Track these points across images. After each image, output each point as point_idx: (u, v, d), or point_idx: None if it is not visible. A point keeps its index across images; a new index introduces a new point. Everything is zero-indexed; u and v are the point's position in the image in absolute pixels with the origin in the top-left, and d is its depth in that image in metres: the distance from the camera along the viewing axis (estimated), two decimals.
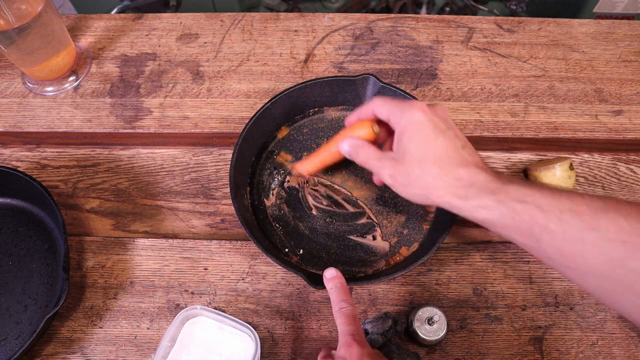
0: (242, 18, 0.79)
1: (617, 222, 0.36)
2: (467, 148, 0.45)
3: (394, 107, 0.48)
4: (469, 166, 0.44)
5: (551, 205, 0.39)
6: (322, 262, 0.58)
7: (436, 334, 0.52)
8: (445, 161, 0.44)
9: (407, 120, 0.46)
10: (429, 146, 0.45)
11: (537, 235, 0.39)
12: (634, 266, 0.35)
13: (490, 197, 0.42)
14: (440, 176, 0.44)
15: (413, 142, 0.45)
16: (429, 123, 0.45)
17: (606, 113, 0.69)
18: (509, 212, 0.41)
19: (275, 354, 0.55)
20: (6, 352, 0.54)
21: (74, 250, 0.61)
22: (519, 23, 0.77)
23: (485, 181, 0.43)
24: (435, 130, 0.45)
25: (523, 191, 0.40)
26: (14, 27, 0.62)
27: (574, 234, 0.37)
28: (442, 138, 0.44)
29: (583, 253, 0.37)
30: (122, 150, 0.68)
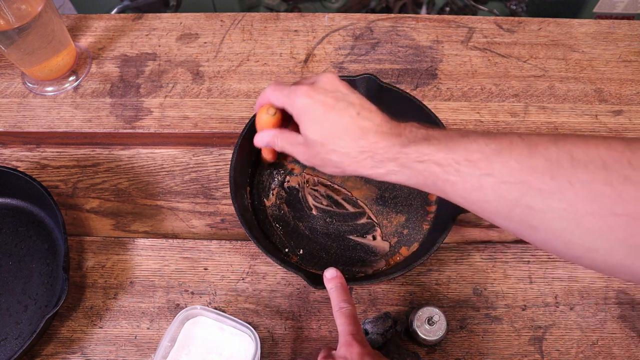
0: (242, 18, 0.79)
1: (509, 164, 0.37)
2: (363, 112, 0.45)
3: (282, 95, 0.49)
4: (368, 135, 0.44)
5: (447, 159, 0.40)
6: (322, 262, 0.58)
7: (436, 334, 0.52)
8: (343, 137, 0.45)
9: (296, 108, 0.47)
10: (323, 127, 0.45)
11: (443, 188, 0.41)
12: (527, 203, 0.36)
13: (393, 163, 0.43)
14: (345, 153, 0.45)
15: (309, 129, 0.46)
16: (316, 104, 0.45)
17: (606, 113, 0.69)
18: (413, 173, 0.42)
19: (275, 354, 0.55)
20: (6, 352, 0.54)
21: (74, 250, 0.61)
22: (519, 23, 0.77)
23: (386, 148, 0.43)
24: (324, 110, 0.45)
25: (421, 150, 0.41)
26: (14, 27, 0.62)
27: (472, 182, 0.39)
28: (333, 114, 0.45)
29: (484, 197, 0.39)
30: (122, 150, 0.68)
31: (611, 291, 0.57)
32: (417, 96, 0.65)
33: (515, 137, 0.38)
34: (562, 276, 0.58)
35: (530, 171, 0.36)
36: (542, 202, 0.36)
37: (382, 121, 0.45)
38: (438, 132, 0.43)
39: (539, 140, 0.37)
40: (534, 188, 0.36)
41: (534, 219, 0.37)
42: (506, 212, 0.38)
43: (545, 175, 0.35)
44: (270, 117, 0.52)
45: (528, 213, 0.37)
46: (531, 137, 0.38)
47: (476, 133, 0.41)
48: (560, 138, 0.36)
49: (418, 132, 0.44)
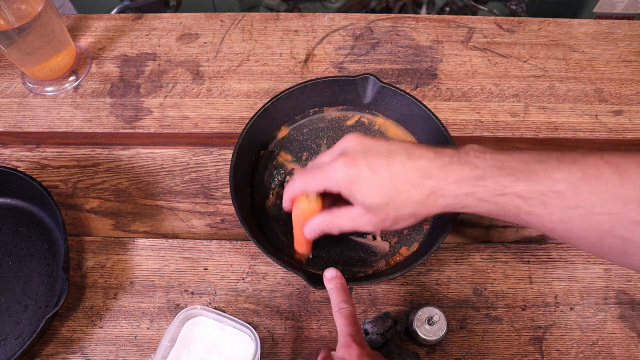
0: (242, 18, 0.79)
1: (599, 194, 0.36)
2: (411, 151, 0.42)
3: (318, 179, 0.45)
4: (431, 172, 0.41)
5: (531, 192, 0.38)
6: (322, 262, 0.58)
7: (436, 334, 0.52)
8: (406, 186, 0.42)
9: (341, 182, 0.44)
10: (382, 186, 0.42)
11: (526, 219, 0.40)
12: (621, 234, 0.35)
13: (470, 198, 0.41)
14: (414, 201, 0.42)
15: (366, 194, 0.43)
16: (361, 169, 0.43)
17: (606, 113, 0.69)
18: (493, 206, 0.40)
19: (275, 354, 0.55)
20: (6, 352, 0.54)
21: (74, 250, 0.61)
22: (519, 23, 0.77)
23: (457, 182, 0.41)
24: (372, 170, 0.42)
25: (500, 182, 0.39)
26: (14, 27, 0.62)
27: (559, 214, 0.37)
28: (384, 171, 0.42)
29: (572, 228, 0.37)
30: (122, 150, 0.68)
31: (611, 291, 0.57)
32: (417, 96, 0.65)
33: (599, 160, 0.37)
34: (562, 276, 0.58)
35: (624, 202, 0.35)
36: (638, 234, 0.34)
37: (436, 154, 0.42)
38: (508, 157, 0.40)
39: (627, 165, 0.35)
40: (629, 220, 0.35)
41: (628, 248, 0.35)
42: (595, 241, 0.37)
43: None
44: (314, 204, 0.48)
45: (622, 244, 0.35)
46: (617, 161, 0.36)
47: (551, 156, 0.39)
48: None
49: (485, 157, 0.41)
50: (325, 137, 0.66)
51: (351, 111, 0.67)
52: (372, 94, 0.64)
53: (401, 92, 0.62)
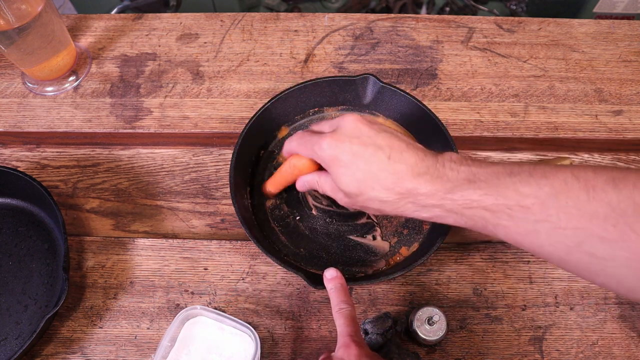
0: (242, 18, 0.79)
1: (567, 209, 0.36)
2: (394, 154, 0.43)
3: (307, 148, 0.47)
4: (404, 180, 0.42)
5: (498, 205, 0.38)
6: (322, 262, 0.58)
7: (436, 334, 0.52)
8: (377, 185, 0.43)
9: (323, 160, 0.45)
10: (354, 177, 0.43)
11: (493, 230, 0.40)
12: (587, 250, 0.35)
13: (438, 209, 0.42)
14: (382, 201, 0.43)
15: (339, 179, 0.45)
16: (342, 154, 0.43)
17: (606, 113, 0.69)
18: (461, 218, 0.41)
19: (275, 354, 0.55)
20: (6, 352, 0.54)
21: (74, 250, 0.61)
22: (519, 23, 0.77)
23: (428, 193, 0.41)
24: (352, 158, 0.43)
25: (468, 196, 0.40)
26: (14, 27, 0.62)
27: (527, 227, 0.38)
28: (362, 163, 0.43)
29: (539, 242, 0.38)
30: (122, 150, 0.68)
31: (611, 291, 0.57)
32: (417, 96, 0.65)
33: (569, 176, 0.37)
34: (562, 276, 0.58)
35: (590, 217, 0.35)
36: (603, 250, 0.34)
37: (416, 160, 0.42)
38: (481, 169, 0.41)
39: (596, 182, 0.35)
40: (594, 235, 0.34)
41: (594, 266, 0.35)
42: (562, 256, 0.37)
43: (607, 222, 0.34)
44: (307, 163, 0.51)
45: (588, 260, 0.35)
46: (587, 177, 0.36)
47: (523, 169, 0.39)
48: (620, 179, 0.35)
49: (460, 169, 0.41)
50: None
51: (351, 111, 0.67)
52: (372, 94, 0.64)
53: (401, 92, 0.62)
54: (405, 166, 0.42)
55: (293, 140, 0.50)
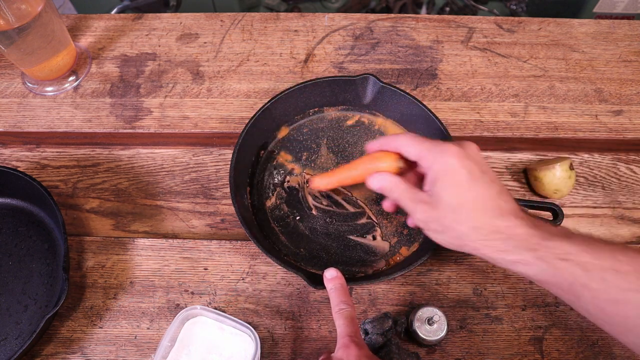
0: (242, 18, 0.79)
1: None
2: (503, 194, 0.43)
3: (424, 149, 0.46)
4: (506, 216, 0.42)
5: (594, 265, 0.38)
6: (322, 262, 0.58)
7: (436, 334, 0.52)
8: (480, 212, 0.42)
9: (440, 166, 0.44)
10: (464, 195, 0.43)
11: (578, 293, 0.39)
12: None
13: (530, 254, 0.41)
14: (475, 228, 0.42)
15: (447, 191, 0.43)
16: (463, 170, 0.43)
17: (606, 113, 0.69)
18: (550, 269, 0.40)
19: (275, 354, 0.55)
20: (6, 352, 0.54)
21: (74, 250, 0.61)
22: (519, 23, 0.77)
23: (525, 235, 0.41)
24: (470, 178, 0.43)
25: (565, 248, 0.39)
26: (14, 27, 0.62)
27: (616, 295, 0.37)
28: (477, 186, 0.43)
29: (625, 313, 0.37)
30: (122, 150, 0.68)
31: None
32: (417, 96, 0.65)
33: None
34: None
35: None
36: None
37: (517, 206, 0.43)
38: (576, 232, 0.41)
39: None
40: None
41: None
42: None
43: None
44: (396, 168, 0.50)
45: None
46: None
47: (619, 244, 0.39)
48: None
49: (554, 228, 0.41)
50: (325, 137, 0.66)
51: (351, 111, 0.67)
52: (372, 94, 0.65)
53: (401, 92, 0.62)
54: (510, 207, 0.43)
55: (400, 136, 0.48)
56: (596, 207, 0.63)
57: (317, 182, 0.57)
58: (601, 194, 0.64)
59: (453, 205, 0.43)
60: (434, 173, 0.45)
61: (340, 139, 0.65)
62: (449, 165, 0.44)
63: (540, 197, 0.63)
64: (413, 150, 0.47)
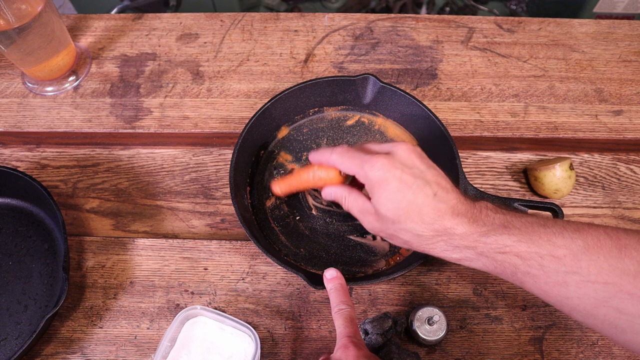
0: (242, 18, 0.79)
1: (597, 262, 0.37)
2: (440, 192, 0.43)
3: (355, 166, 0.47)
4: (444, 218, 0.43)
5: (530, 253, 0.39)
6: (322, 262, 0.58)
7: (436, 334, 0.52)
8: (418, 220, 0.43)
9: (370, 180, 0.45)
10: (397, 205, 0.44)
11: (521, 279, 0.41)
12: (616, 305, 0.36)
13: (470, 251, 0.42)
14: (417, 235, 0.44)
15: (382, 204, 0.44)
16: (393, 179, 0.44)
17: (606, 113, 0.69)
18: (491, 262, 0.42)
19: (275, 354, 0.55)
20: (6, 352, 0.54)
21: (74, 250, 0.61)
22: (519, 23, 0.77)
23: (463, 235, 0.42)
24: (400, 187, 0.43)
25: (502, 240, 0.41)
26: (14, 27, 0.62)
27: (556, 278, 0.38)
28: (409, 193, 0.43)
29: (567, 294, 0.38)
30: (122, 150, 0.68)
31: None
32: (417, 96, 0.65)
33: (602, 232, 0.38)
34: None
35: (621, 274, 0.36)
36: (632, 307, 0.35)
37: (457, 202, 0.43)
38: (515, 218, 0.42)
39: (628, 240, 0.37)
40: (624, 291, 0.35)
41: (621, 322, 0.36)
42: (589, 310, 0.37)
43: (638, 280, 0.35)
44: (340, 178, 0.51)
45: (615, 315, 0.36)
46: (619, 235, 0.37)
47: (557, 223, 0.40)
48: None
49: (495, 217, 0.42)
50: (325, 137, 0.66)
51: (351, 111, 0.67)
52: (372, 94, 0.65)
53: (401, 92, 0.62)
54: (447, 206, 0.43)
55: (334, 153, 0.49)
56: (596, 207, 0.63)
57: (275, 188, 0.59)
58: (601, 194, 0.64)
59: (391, 216, 0.44)
60: (368, 187, 0.46)
61: (340, 139, 0.65)
62: (378, 178, 0.44)
63: (540, 197, 0.63)
64: (346, 167, 0.48)
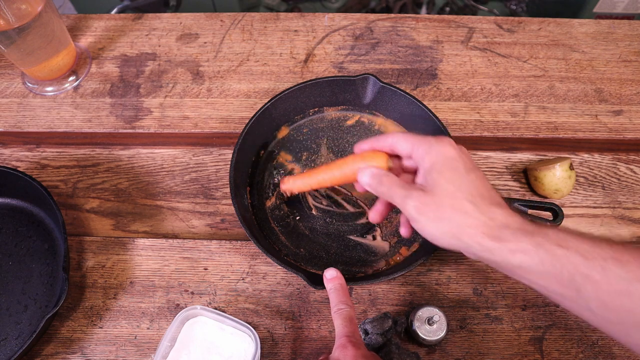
0: (242, 18, 0.79)
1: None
2: (496, 190, 0.43)
3: (419, 141, 0.46)
4: (502, 206, 0.41)
5: (593, 253, 0.36)
6: (322, 262, 0.58)
7: (436, 334, 0.52)
8: (478, 198, 0.41)
9: (438, 154, 0.44)
10: (462, 182, 0.42)
11: (579, 285, 0.36)
12: None
13: (527, 239, 0.38)
14: (473, 213, 0.41)
15: (445, 176, 0.43)
16: (460, 158, 0.43)
17: (606, 113, 0.69)
18: (549, 257, 0.37)
19: (275, 354, 0.55)
20: (6, 352, 0.54)
21: (74, 250, 0.61)
22: (519, 23, 0.77)
23: (521, 223, 0.40)
24: (466, 166, 0.43)
25: (562, 235, 0.38)
26: (14, 27, 0.62)
27: (620, 286, 0.35)
28: (473, 175, 0.43)
29: (631, 306, 0.34)
30: (122, 150, 0.68)
31: None
32: (417, 96, 0.65)
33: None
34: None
35: None
36: None
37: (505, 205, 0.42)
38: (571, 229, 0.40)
39: None
40: None
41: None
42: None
43: None
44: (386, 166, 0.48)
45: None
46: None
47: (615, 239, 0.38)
48: None
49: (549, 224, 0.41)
50: (325, 137, 0.66)
51: (351, 111, 0.67)
52: (372, 94, 0.65)
53: (401, 92, 0.62)
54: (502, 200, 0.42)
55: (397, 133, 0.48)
56: (596, 207, 0.63)
57: (289, 184, 0.54)
58: (601, 194, 0.64)
59: (451, 191, 0.42)
60: (430, 161, 0.44)
61: (340, 139, 0.66)
62: (447, 153, 0.44)
63: (540, 197, 0.63)
64: (405, 145, 0.47)
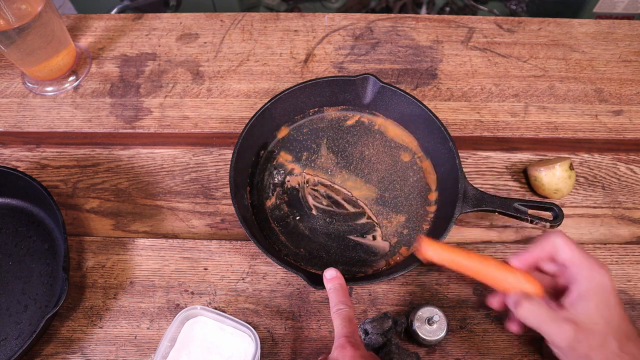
0: (242, 18, 0.79)
1: None
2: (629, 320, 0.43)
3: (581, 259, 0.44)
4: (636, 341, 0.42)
5: None
6: (322, 262, 0.58)
7: (436, 334, 0.52)
8: (622, 336, 0.42)
9: (598, 284, 0.43)
10: (612, 317, 0.42)
11: None
12: None
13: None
14: (617, 352, 0.41)
15: (600, 311, 0.42)
16: (613, 290, 0.43)
17: (606, 113, 0.69)
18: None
19: (275, 354, 0.55)
20: (6, 352, 0.54)
21: (74, 250, 0.61)
22: (519, 23, 0.77)
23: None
24: (616, 299, 0.43)
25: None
26: (14, 27, 0.62)
27: None
28: (620, 309, 0.43)
29: None
30: (122, 150, 0.68)
31: None
32: (417, 96, 0.65)
33: None
34: None
35: None
36: None
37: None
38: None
39: None
40: None
41: None
42: None
43: None
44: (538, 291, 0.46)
45: None
46: None
47: None
48: None
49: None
50: (325, 137, 0.66)
51: (351, 111, 0.67)
52: (372, 94, 0.65)
53: (401, 92, 0.62)
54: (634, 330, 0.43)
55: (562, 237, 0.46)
56: (596, 207, 0.63)
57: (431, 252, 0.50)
58: (601, 194, 0.64)
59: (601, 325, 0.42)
60: (587, 287, 0.43)
61: (340, 139, 0.66)
62: (605, 283, 0.43)
63: (540, 197, 0.63)
64: (567, 255, 0.45)
